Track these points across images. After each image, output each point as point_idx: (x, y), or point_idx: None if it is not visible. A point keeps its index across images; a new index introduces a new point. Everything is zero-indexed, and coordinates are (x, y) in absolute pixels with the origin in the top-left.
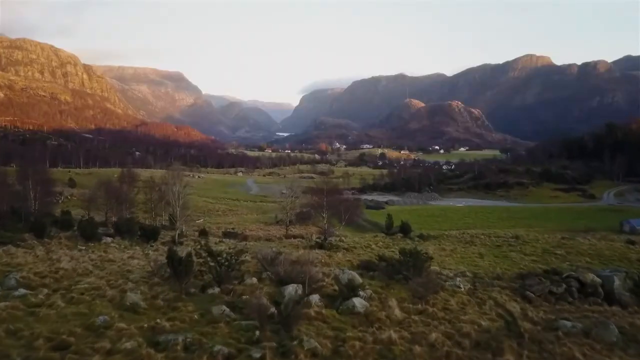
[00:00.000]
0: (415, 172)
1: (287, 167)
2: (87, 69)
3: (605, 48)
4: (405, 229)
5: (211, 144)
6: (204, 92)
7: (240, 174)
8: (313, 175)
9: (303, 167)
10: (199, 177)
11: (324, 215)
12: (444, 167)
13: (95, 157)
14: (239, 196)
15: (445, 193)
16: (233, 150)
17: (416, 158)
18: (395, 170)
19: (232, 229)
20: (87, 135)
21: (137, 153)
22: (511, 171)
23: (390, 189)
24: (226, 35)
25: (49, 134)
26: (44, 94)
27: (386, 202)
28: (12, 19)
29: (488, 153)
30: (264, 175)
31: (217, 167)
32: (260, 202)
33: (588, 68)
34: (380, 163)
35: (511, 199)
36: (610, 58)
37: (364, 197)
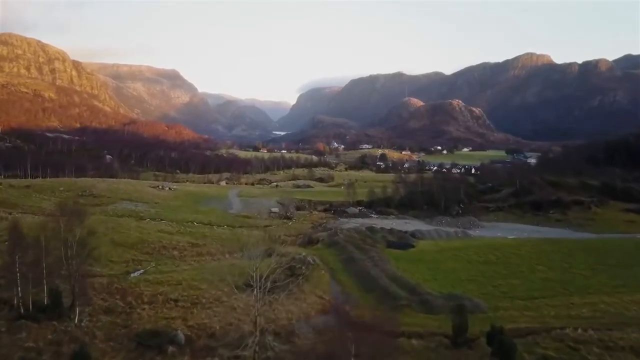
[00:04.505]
0: (434, 182)
1: (281, 172)
2: (77, 65)
3: (605, 47)
4: (504, 350)
5: (203, 144)
6: (200, 90)
7: (223, 182)
8: (310, 182)
9: (299, 171)
10: (170, 188)
11: None
12: (453, 170)
13: (46, 164)
14: (213, 217)
15: (480, 214)
16: (223, 152)
17: (419, 159)
18: (403, 174)
19: (175, 301)
20: (62, 135)
21: (109, 156)
22: (561, 184)
23: (407, 205)
24: (223, 33)
25: (3, 134)
26: (26, 90)
27: (413, 235)
28: (12, 18)
29: (493, 153)
30: (252, 184)
31: (201, 173)
32: (240, 227)
33: (589, 67)
34: (383, 165)
35: (573, 224)
36: (610, 57)
37: (380, 221)
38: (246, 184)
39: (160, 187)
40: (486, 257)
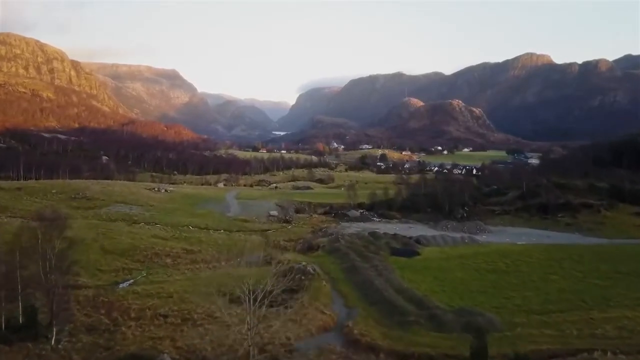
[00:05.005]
0: (437, 184)
1: (281, 173)
2: (75, 65)
3: (605, 47)
4: None
5: (202, 144)
6: (199, 90)
7: (221, 184)
8: (310, 184)
9: (298, 172)
10: (166, 190)
11: None
12: (454, 170)
13: (40, 165)
14: (210, 221)
15: (486, 217)
16: (222, 152)
17: (419, 160)
18: (404, 175)
19: (164, 317)
20: (59, 135)
21: (105, 157)
22: (568, 187)
23: (409, 208)
24: (223, 33)
25: None
26: (24, 90)
27: (418, 241)
28: (12, 18)
29: (493, 154)
30: (251, 185)
31: (199, 174)
32: (238, 231)
33: (589, 67)
34: (383, 166)
35: (583, 229)
36: (610, 57)
37: (382, 226)
38: (245, 185)
39: (156, 189)
40: (495, 265)
